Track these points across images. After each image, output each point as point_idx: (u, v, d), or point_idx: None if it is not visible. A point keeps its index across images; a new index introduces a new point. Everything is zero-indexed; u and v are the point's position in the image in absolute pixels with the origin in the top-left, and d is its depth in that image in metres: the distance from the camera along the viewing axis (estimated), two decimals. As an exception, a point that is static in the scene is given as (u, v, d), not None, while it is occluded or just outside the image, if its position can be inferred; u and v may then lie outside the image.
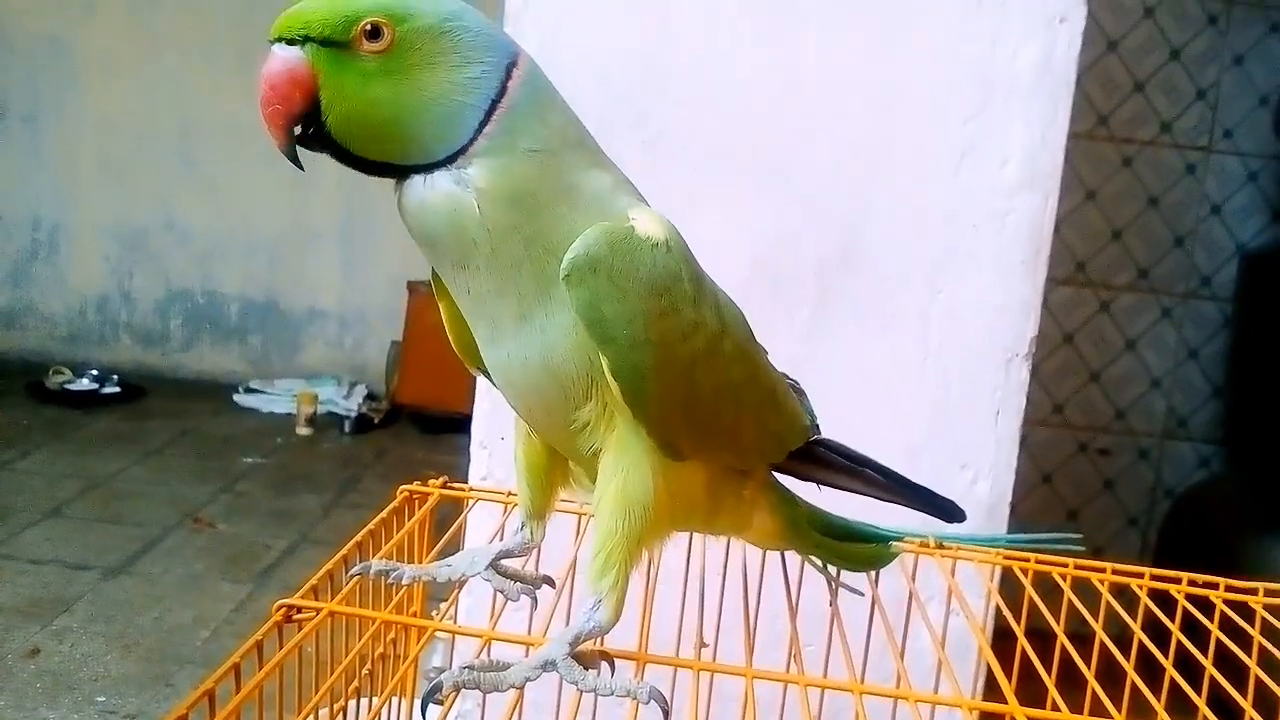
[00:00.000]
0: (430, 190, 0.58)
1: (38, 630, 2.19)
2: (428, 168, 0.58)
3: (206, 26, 4.18)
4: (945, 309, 1.26)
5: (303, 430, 3.81)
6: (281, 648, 0.62)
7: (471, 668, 0.61)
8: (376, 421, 3.99)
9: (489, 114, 0.58)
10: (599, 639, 0.64)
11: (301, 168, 0.60)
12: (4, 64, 4.20)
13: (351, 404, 4.05)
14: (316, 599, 0.68)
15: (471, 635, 0.70)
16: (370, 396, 4.17)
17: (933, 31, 1.24)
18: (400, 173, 0.59)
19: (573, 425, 0.62)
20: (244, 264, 4.36)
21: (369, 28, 0.56)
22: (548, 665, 0.61)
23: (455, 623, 0.95)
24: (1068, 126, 1.25)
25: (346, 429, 3.89)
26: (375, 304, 4.31)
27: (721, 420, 0.66)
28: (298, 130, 0.58)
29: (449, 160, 0.58)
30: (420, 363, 3.90)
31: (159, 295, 4.38)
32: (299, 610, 0.66)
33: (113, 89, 4.22)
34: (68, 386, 3.92)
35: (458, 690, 0.61)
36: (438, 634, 1.40)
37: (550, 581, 0.79)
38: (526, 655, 0.65)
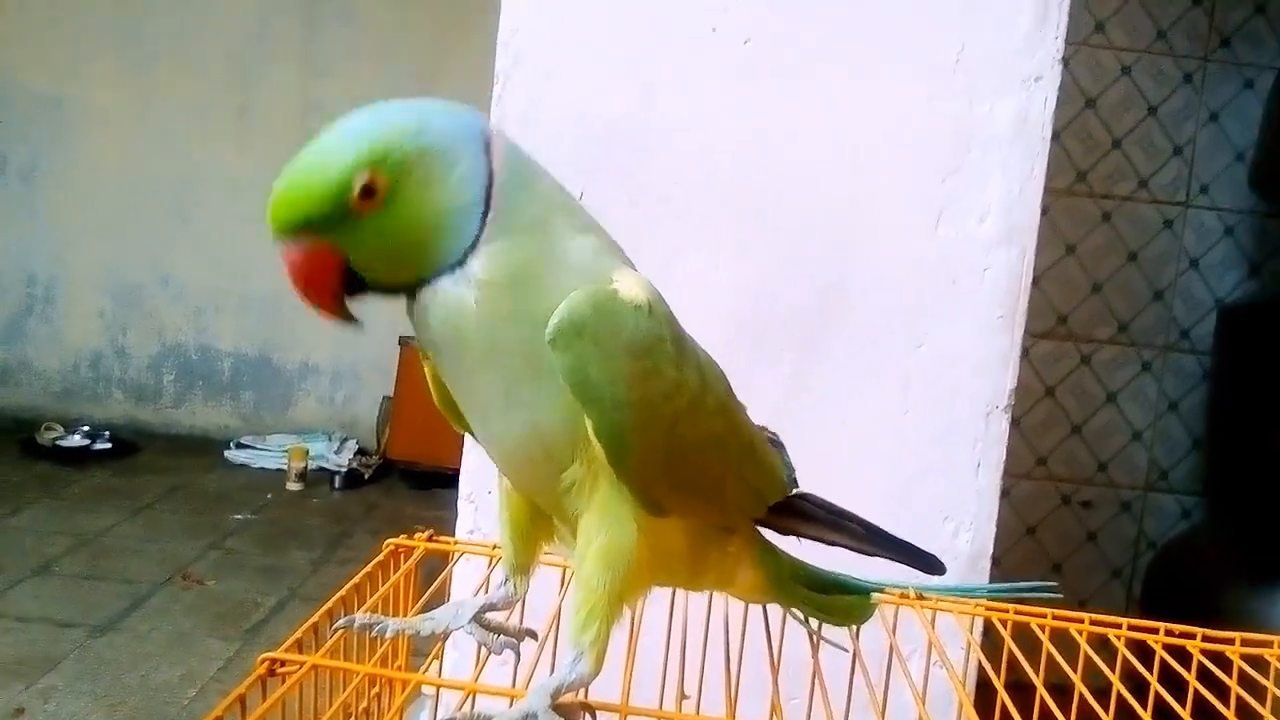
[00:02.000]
0: (433, 298, 0.59)
1: (23, 689, 2.17)
2: (438, 272, 0.59)
3: (202, 83, 4.23)
4: (925, 362, 1.28)
5: (293, 486, 3.80)
6: (265, 701, 0.63)
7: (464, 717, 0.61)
8: (367, 477, 3.99)
9: (486, 200, 0.59)
10: (580, 691, 0.65)
11: (360, 323, 0.62)
12: (1, 121, 4.24)
13: (342, 459, 4.05)
14: (301, 653, 0.68)
15: (456, 688, 0.70)
16: (361, 452, 4.17)
17: (910, 89, 1.27)
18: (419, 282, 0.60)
19: (559, 487, 0.63)
20: (237, 320, 4.37)
21: (362, 190, 0.56)
22: (529, 717, 0.61)
23: (440, 677, 0.95)
24: (1044, 182, 1.27)
25: (337, 484, 3.89)
26: (367, 359, 4.32)
27: (703, 477, 0.67)
28: (346, 299, 0.60)
29: (462, 256, 0.59)
30: (411, 418, 3.90)
31: (152, 351, 4.39)
32: (283, 664, 0.66)
33: (108, 145, 4.26)
34: (59, 443, 3.92)
35: None
36: (424, 692, 1.39)
37: (533, 635, 0.79)
38: (511, 706, 0.66)
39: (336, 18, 4.24)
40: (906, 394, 1.28)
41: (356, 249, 0.58)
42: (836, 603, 0.84)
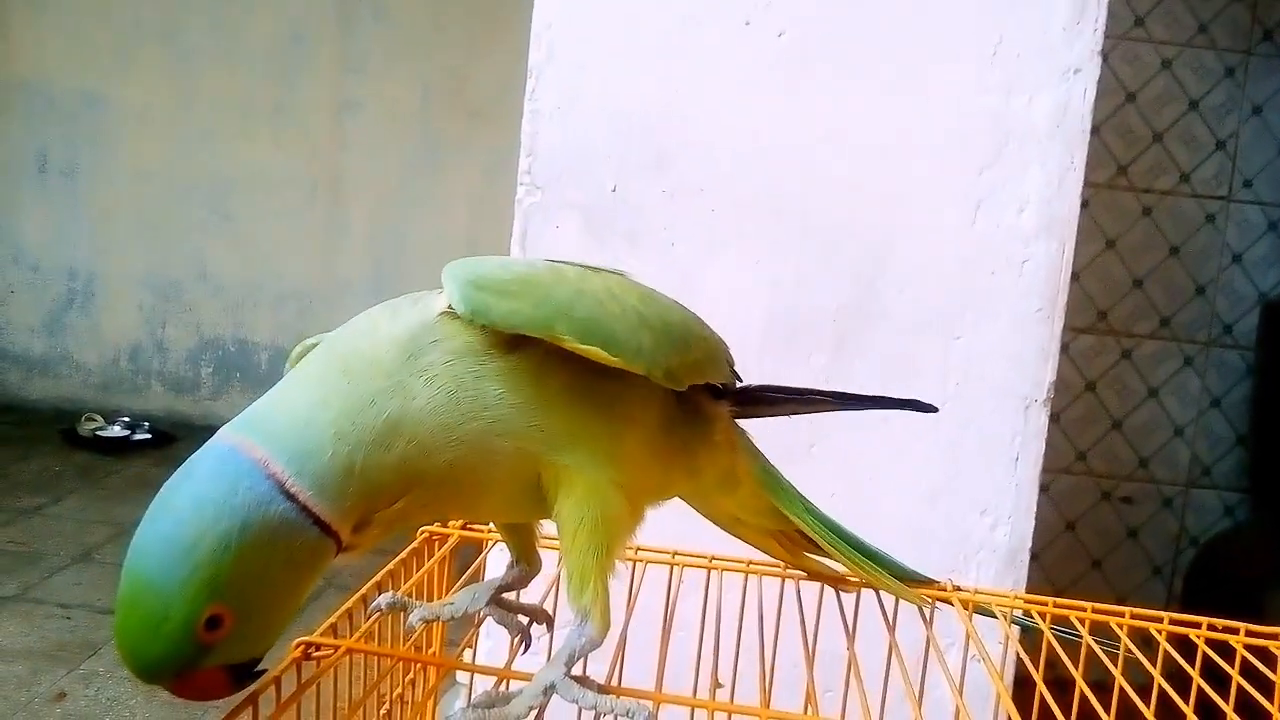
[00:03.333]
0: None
1: (65, 674, 2.20)
2: None
3: (240, 82, 4.27)
4: (963, 355, 1.27)
5: (329, 477, 3.83)
6: (299, 685, 0.63)
7: (476, 705, 0.61)
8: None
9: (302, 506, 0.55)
10: (585, 661, 0.64)
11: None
12: (44, 119, 4.30)
13: (377, 451, 4.07)
14: (335, 637, 0.69)
15: (488, 674, 0.71)
16: (396, 444, 4.19)
17: (949, 81, 1.26)
18: None
19: (517, 488, 0.62)
20: (274, 313, 4.41)
21: (203, 626, 0.51)
22: (548, 689, 0.61)
23: (473, 663, 0.95)
24: (1084, 175, 1.26)
25: (372, 476, 3.91)
26: (402, 352, 4.34)
27: (669, 339, 0.63)
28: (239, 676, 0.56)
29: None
30: (446, 410, 3.92)
31: (191, 344, 4.44)
32: (317, 648, 0.67)
33: (148, 142, 4.31)
34: (99, 433, 3.97)
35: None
36: (459, 681, 1.40)
37: (549, 616, 0.79)
38: (544, 692, 0.66)
39: (371, 16, 4.27)
40: (944, 387, 1.27)
41: (226, 656, 0.54)
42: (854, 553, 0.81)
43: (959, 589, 0.89)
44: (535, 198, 1.28)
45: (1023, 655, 0.87)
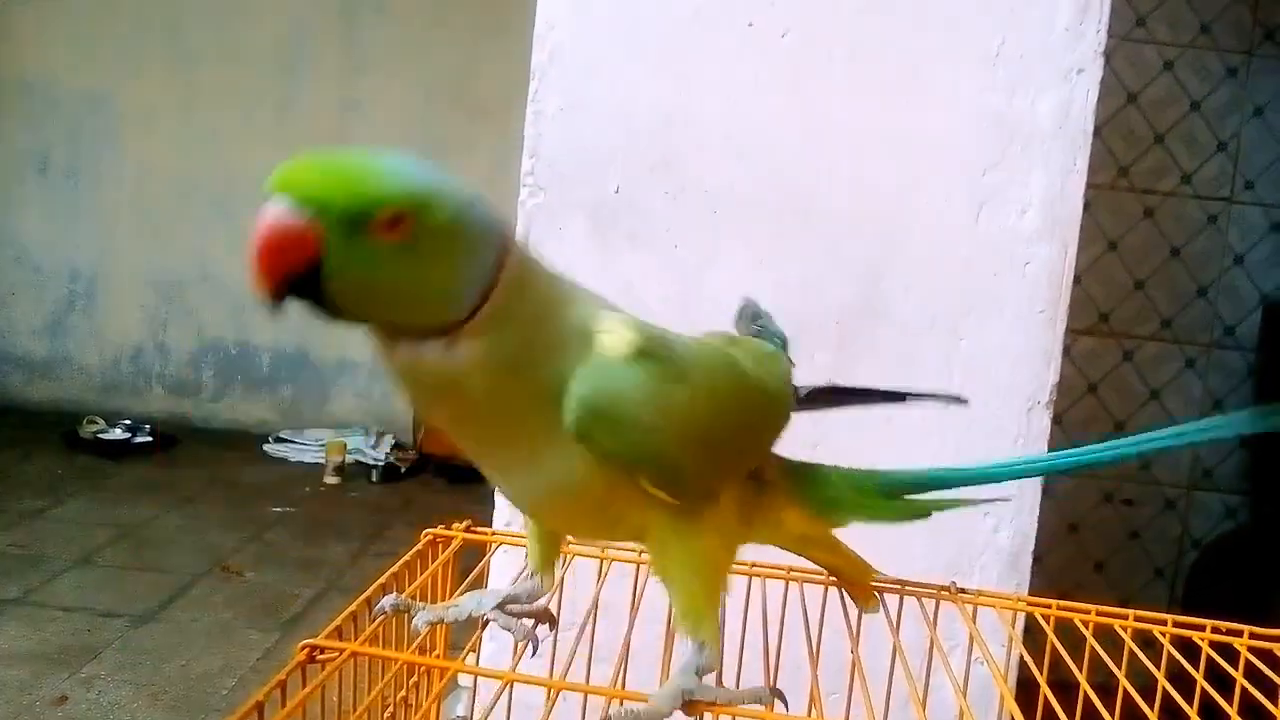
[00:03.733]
0: (420, 357, 0.58)
1: (66, 678, 2.20)
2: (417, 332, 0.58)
3: (244, 83, 4.28)
4: (966, 356, 1.27)
5: (331, 479, 3.84)
6: (305, 688, 0.63)
7: (623, 707, 0.63)
8: (403, 471, 4.02)
9: (485, 295, 0.58)
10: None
11: (278, 310, 0.57)
12: (47, 119, 4.30)
13: (379, 453, 4.08)
14: (340, 640, 0.69)
15: (492, 677, 0.71)
16: (398, 446, 4.20)
17: (952, 82, 1.26)
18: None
19: (601, 522, 0.67)
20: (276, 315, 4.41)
21: (393, 217, 0.54)
22: (685, 692, 0.64)
23: (477, 666, 0.95)
24: (1086, 176, 1.26)
25: (374, 478, 3.92)
26: (404, 354, 4.35)
27: (740, 451, 0.71)
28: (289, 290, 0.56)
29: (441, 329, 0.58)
30: (448, 413, 3.93)
31: (192, 346, 4.44)
32: (322, 651, 0.67)
33: (152, 143, 4.31)
34: (101, 436, 3.97)
35: None
36: (461, 684, 1.40)
37: (553, 619, 0.80)
38: (549, 695, 0.66)
39: (374, 16, 4.27)
40: (948, 388, 1.27)
41: (340, 260, 0.55)
42: (888, 506, 0.83)
43: (962, 591, 0.89)
44: (539, 199, 1.28)
45: (1026, 657, 0.87)
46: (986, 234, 1.26)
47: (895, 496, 0.83)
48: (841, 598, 0.88)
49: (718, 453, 0.67)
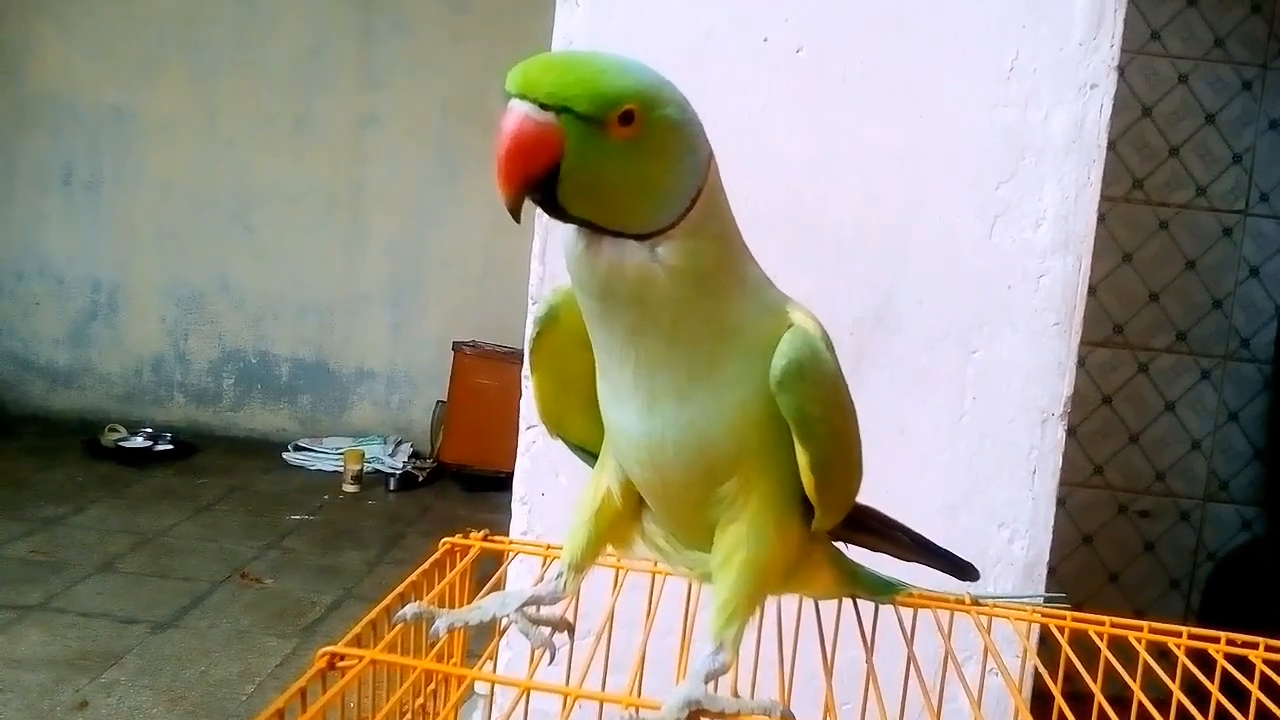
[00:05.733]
0: (625, 257, 0.59)
1: (86, 683, 2.22)
2: (625, 234, 0.59)
3: (263, 95, 4.31)
4: (980, 369, 1.27)
5: (349, 488, 3.86)
6: (324, 695, 0.64)
7: (633, 716, 0.64)
8: (421, 479, 4.03)
9: (692, 202, 0.60)
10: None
11: (519, 221, 0.59)
12: (70, 132, 4.34)
13: (397, 462, 4.09)
14: (360, 648, 0.70)
15: (510, 685, 0.71)
16: (415, 455, 4.22)
17: (966, 96, 1.27)
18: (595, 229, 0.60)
19: (708, 498, 0.67)
20: (295, 325, 4.44)
21: (625, 113, 0.56)
22: (693, 703, 0.64)
23: (495, 674, 0.96)
24: (1100, 189, 1.27)
25: (392, 486, 3.94)
26: (421, 365, 4.37)
27: (855, 486, 0.73)
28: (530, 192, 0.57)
29: (646, 234, 0.59)
30: (464, 422, 3.95)
31: (213, 356, 4.47)
32: (342, 658, 0.68)
33: (172, 155, 4.35)
34: (122, 444, 4.00)
35: None
36: (478, 691, 1.41)
37: (570, 627, 0.80)
38: (564, 705, 0.67)
39: (391, 31, 4.30)
40: (962, 401, 1.27)
41: (578, 158, 0.56)
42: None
43: (977, 603, 0.90)
44: (555, 213, 1.29)
45: (1041, 668, 0.87)
46: (1000, 247, 1.26)
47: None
48: (856, 607, 0.89)
49: (857, 466, 0.70)
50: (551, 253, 1.30)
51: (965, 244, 1.27)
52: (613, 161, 0.57)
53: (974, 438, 1.28)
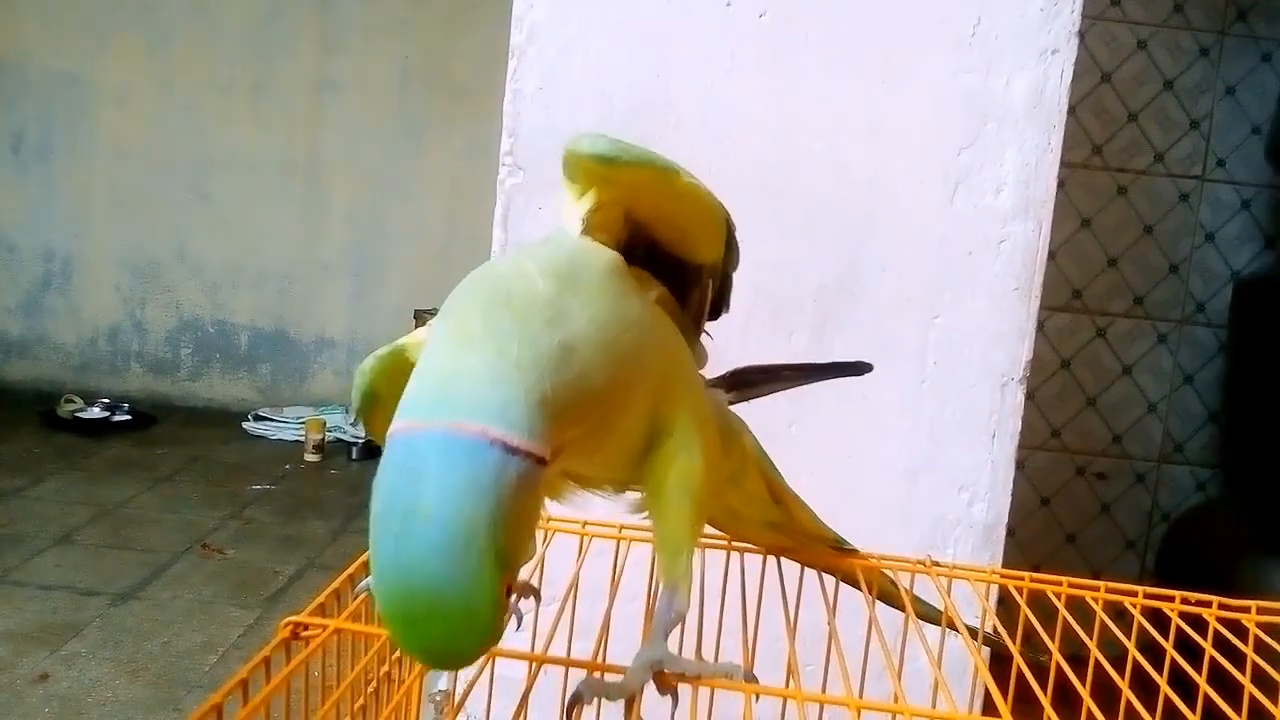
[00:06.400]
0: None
1: (47, 655, 2.20)
2: None
3: (219, 61, 4.24)
4: (942, 334, 1.28)
5: (311, 457, 3.84)
6: (289, 664, 0.64)
7: (590, 692, 0.62)
8: (378, 443, 4.02)
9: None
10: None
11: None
12: (20, 98, 4.26)
13: (360, 431, 4.08)
14: (324, 617, 0.69)
15: (476, 651, 0.72)
16: (378, 424, 4.20)
17: (928, 62, 1.27)
18: None
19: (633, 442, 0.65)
20: (254, 294, 4.40)
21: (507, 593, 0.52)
22: (655, 664, 0.63)
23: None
24: (1061, 155, 1.27)
25: (354, 455, 3.92)
26: (382, 333, 4.33)
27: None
28: None
29: None
30: (427, 391, 3.94)
31: (170, 325, 4.42)
32: (306, 627, 0.68)
33: (126, 122, 4.28)
34: (79, 415, 3.95)
35: (593, 700, 0.63)
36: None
37: (536, 593, 0.81)
38: (531, 669, 0.67)
39: (350, -7, 4.25)
40: (924, 366, 1.28)
41: None
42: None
43: (937, 564, 0.91)
44: (517, 179, 1.29)
45: (1000, 629, 0.89)
46: (962, 213, 1.27)
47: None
48: (820, 575, 0.90)
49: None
50: (514, 219, 1.29)
51: (928, 210, 1.27)
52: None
53: (935, 402, 1.29)
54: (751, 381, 0.79)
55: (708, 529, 0.87)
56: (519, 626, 0.77)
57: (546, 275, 0.58)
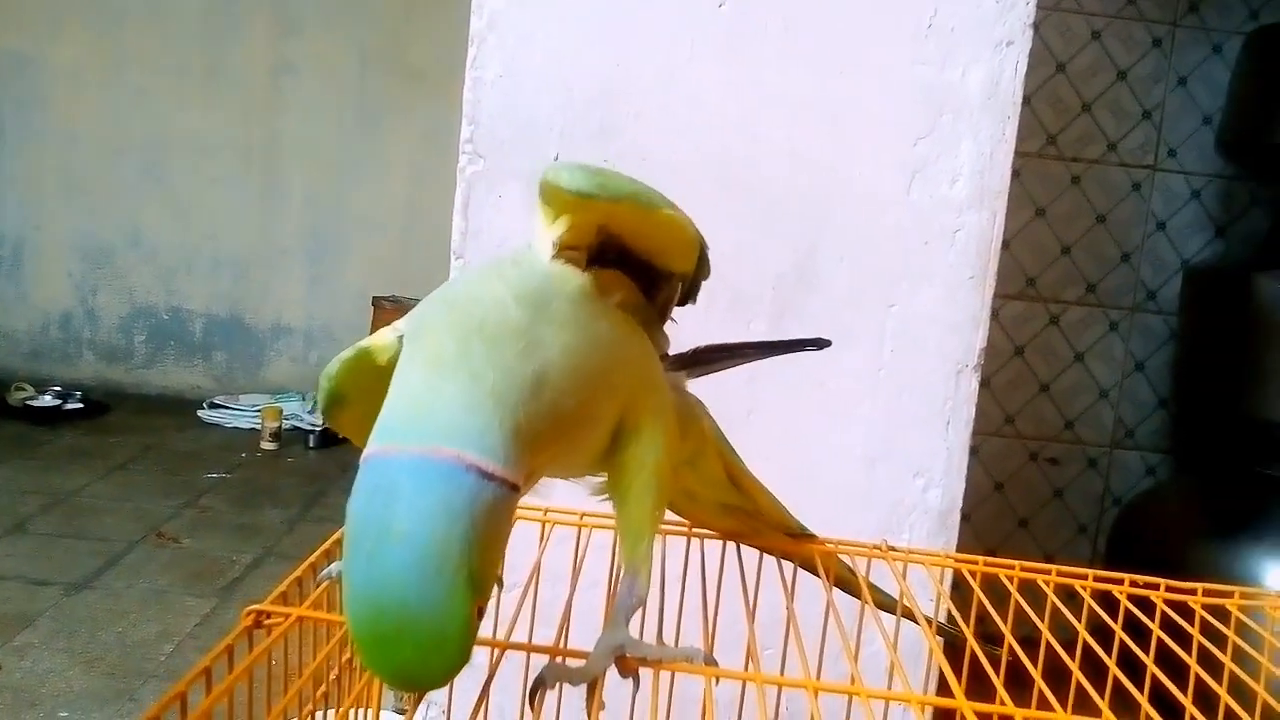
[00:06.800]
0: None
1: None
2: None
3: (173, 43, 4.18)
4: (898, 323, 1.30)
5: (267, 445, 3.81)
6: (251, 653, 0.64)
7: (552, 678, 0.63)
8: (341, 436, 3.98)
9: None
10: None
11: None
12: (-35, 79, 4.18)
13: (316, 419, 4.05)
14: (286, 605, 0.69)
15: (438, 638, 0.72)
16: (336, 412, 4.17)
17: (884, 54, 1.28)
18: None
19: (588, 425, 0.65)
20: (209, 280, 4.35)
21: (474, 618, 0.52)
22: (617, 649, 0.64)
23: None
24: (1015, 146, 1.29)
25: (311, 444, 3.89)
26: (340, 320, 4.31)
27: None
28: None
29: None
30: (385, 378, 3.91)
31: (123, 311, 4.36)
32: (268, 616, 0.68)
33: (78, 105, 4.21)
34: (30, 403, 3.90)
35: (555, 685, 0.63)
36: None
37: (499, 580, 0.81)
38: (491, 658, 0.68)
39: (306, -26, 4.20)
40: (880, 354, 1.30)
41: None
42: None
43: (893, 549, 0.92)
44: (478, 166, 1.29)
45: (954, 612, 0.90)
46: (918, 203, 1.29)
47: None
48: (778, 560, 0.91)
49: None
50: (474, 207, 1.29)
51: (884, 200, 1.29)
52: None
53: (891, 390, 1.30)
54: (709, 360, 0.80)
55: (669, 515, 0.88)
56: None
57: (520, 302, 0.58)
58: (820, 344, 0.83)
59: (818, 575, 0.90)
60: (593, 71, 1.28)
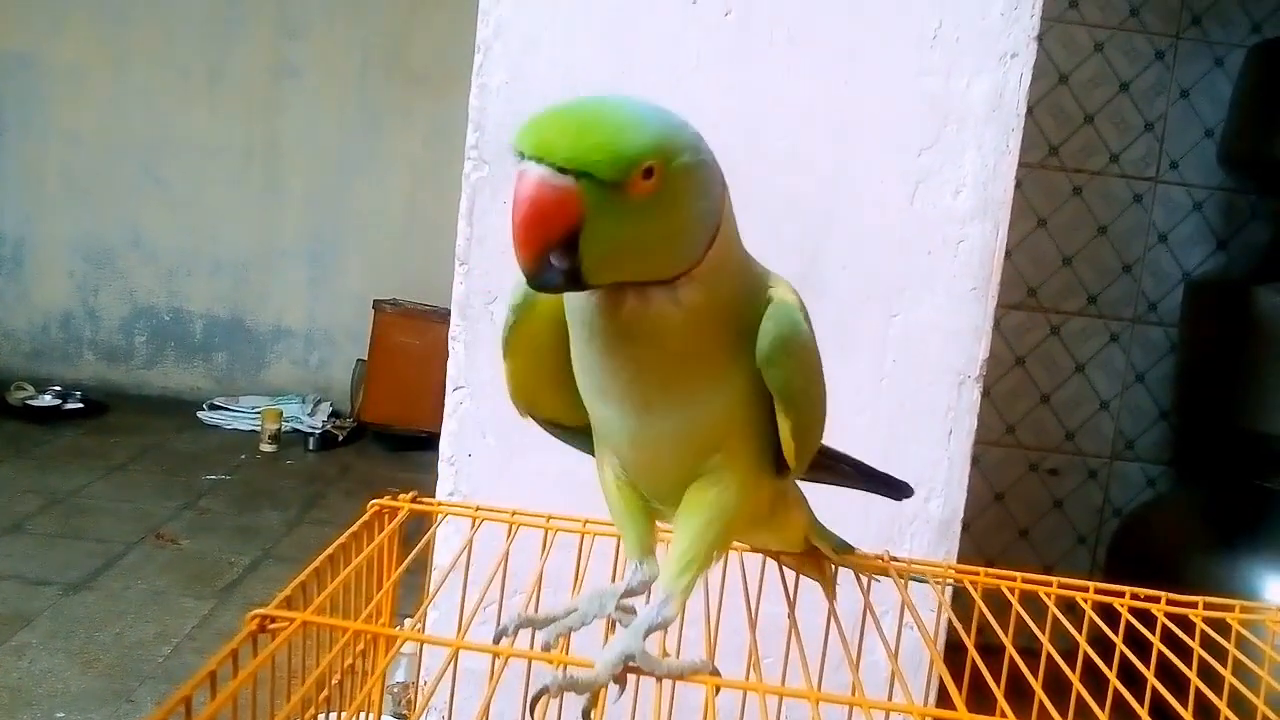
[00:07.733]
0: (647, 305, 0.59)
1: (-2, 647, 2.17)
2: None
3: (175, 43, 4.18)
4: (901, 332, 1.30)
5: (267, 447, 3.80)
6: (256, 657, 0.64)
7: (558, 685, 0.63)
8: (341, 439, 3.99)
9: (712, 236, 0.60)
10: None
11: (538, 290, 0.57)
12: (-32, 78, 4.18)
13: (316, 421, 4.05)
14: (290, 609, 0.69)
15: (440, 645, 0.72)
16: (335, 414, 4.17)
17: (890, 65, 1.28)
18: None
19: (695, 471, 0.67)
20: (210, 281, 4.35)
21: (646, 170, 0.54)
22: (627, 658, 0.64)
23: (424, 634, 0.97)
24: (1018, 157, 1.29)
25: (311, 446, 3.89)
26: (341, 322, 4.31)
27: (821, 435, 0.74)
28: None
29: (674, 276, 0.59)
30: (384, 381, 3.91)
31: (124, 312, 4.36)
32: (273, 620, 0.68)
33: (80, 105, 4.21)
34: (30, 402, 3.89)
35: (560, 694, 0.63)
36: (403, 651, 1.41)
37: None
38: (493, 665, 0.68)
39: (309, -23, 4.20)
40: (883, 363, 1.30)
41: (601, 226, 0.54)
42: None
43: (895, 559, 0.93)
44: (482, 172, 1.29)
45: (955, 622, 0.90)
46: (921, 213, 1.29)
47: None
48: (780, 569, 0.91)
49: (824, 419, 0.72)
50: (479, 213, 1.29)
51: (888, 210, 1.29)
52: (634, 219, 0.55)
53: (893, 399, 1.30)
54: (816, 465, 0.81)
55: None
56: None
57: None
58: (904, 493, 0.87)
59: (818, 580, 0.90)
60: (598, 79, 1.28)
